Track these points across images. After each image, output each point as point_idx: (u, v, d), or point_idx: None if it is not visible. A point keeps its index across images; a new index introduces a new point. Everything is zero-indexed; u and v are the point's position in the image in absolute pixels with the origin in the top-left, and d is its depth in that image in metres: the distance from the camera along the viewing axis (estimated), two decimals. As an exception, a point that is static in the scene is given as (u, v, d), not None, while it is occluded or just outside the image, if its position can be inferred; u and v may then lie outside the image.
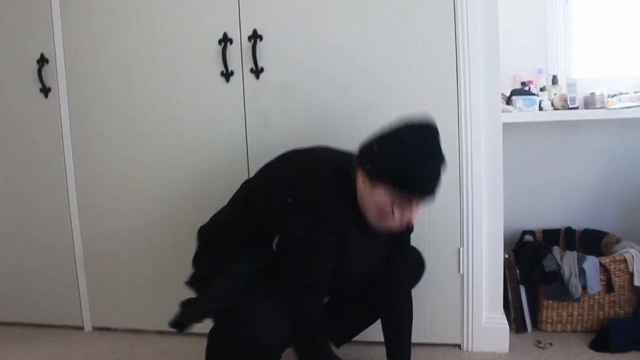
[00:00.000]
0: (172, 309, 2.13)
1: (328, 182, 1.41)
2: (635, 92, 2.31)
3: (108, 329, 2.27)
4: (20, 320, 2.37)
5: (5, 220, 2.32)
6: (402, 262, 1.64)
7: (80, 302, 2.25)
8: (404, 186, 1.33)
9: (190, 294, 1.48)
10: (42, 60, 2.15)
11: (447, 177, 1.83)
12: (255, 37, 1.93)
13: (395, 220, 1.38)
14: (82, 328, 2.28)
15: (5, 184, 2.29)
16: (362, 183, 1.38)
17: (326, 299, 1.70)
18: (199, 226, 1.62)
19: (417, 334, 1.93)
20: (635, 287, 2.01)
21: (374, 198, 1.36)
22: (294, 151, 1.58)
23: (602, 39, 2.52)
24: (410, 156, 1.33)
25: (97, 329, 2.28)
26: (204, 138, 2.03)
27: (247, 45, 1.94)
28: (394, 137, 1.36)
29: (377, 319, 1.70)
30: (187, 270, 1.98)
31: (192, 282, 1.53)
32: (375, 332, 1.72)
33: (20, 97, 2.21)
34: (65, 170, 2.19)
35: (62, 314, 2.29)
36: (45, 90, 2.17)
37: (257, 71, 1.94)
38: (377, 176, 1.35)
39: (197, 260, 1.59)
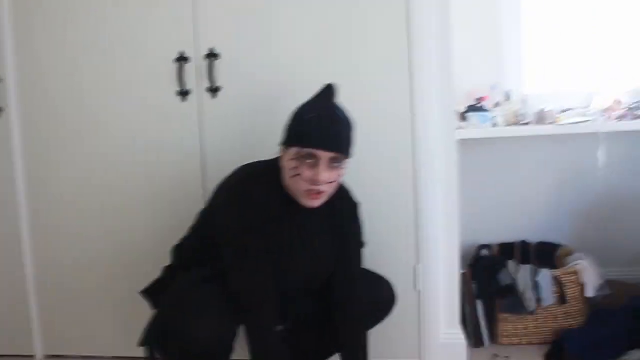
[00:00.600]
0: (127, 333, 2.09)
1: (253, 176, 1.50)
2: (584, 108, 2.39)
3: (61, 357, 2.19)
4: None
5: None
6: (348, 270, 1.59)
7: (31, 329, 2.17)
8: (296, 140, 1.41)
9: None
10: (-6, 81, 2.10)
11: (401, 194, 1.88)
12: (211, 56, 1.92)
13: (304, 181, 1.39)
14: (33, 357, 2.20)
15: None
16: (282, 159, 1.46)
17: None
18: (151, 250, 1.62)
19: (375, 351, 1.92)
20: (587, 298, 2.07)
21: (286, 166, 1.43)
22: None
23: (553, 55, 2.61)
24: (298, 111, 1.46)
25: (49, 357, 2.20)
26: (160, 158, 2.00)
27: (204, 64, 1.93)
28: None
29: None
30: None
31: (144, 290, 1.62)
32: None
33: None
34: (16, 194, 2.11)
35: (12, 343, 2.20)
36: (-2, 110, 2.11)
37: (213, 90, 1.93)
38: (283, 143, 1.46)
39: (162, 272, 1.65)
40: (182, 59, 1.94)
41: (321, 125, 1.39)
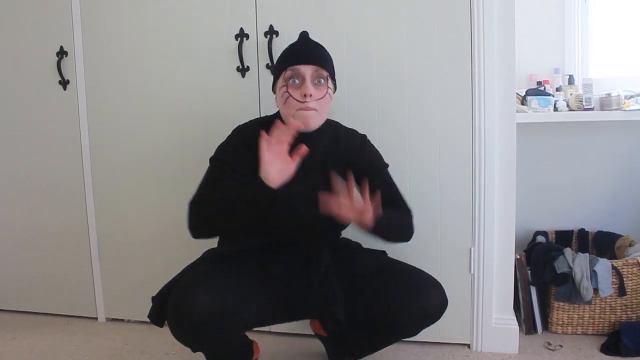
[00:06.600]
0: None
1: (247, 123, 1.61)
2: (653, 94, 2.28)
3: (121, 321, 2.30)
4: (35, 310, 2.41)
5: (22, 213, 2.36)
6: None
7: (94, 293, 2.29)
8: (279, 68, 1.51)
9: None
10: (62, 53, 2.18)
11: (458, 175, 1.86)
12: (271, 32, 1.94)
13: (295, 99, 1.44)
14: (96, 319, 2.32)
15: (23, 175, 2.33)
16: (275, 97, 1.56)
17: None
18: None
19: (427, 333, 1.93)
20: (648, 290, 2.00)
21: (278, 96, 1.52)
22: None
23: (620, 38, 2.50)
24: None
25: (110, 320, 2.31)
26: (220, 132, 2.03)
27: (264, 40, 1.95)
28: None
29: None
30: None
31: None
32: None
33: (40, 89, 2.24)
34: (82, 162, 2.22)
35: (77, 304, 2.33)
36: (64, 83, 2.20)
37: (272, 67, 1.95)
38: (272, 85, 1.58)
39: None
40: (242, 35, 1.96)
41: (298, 46, 1.53)
